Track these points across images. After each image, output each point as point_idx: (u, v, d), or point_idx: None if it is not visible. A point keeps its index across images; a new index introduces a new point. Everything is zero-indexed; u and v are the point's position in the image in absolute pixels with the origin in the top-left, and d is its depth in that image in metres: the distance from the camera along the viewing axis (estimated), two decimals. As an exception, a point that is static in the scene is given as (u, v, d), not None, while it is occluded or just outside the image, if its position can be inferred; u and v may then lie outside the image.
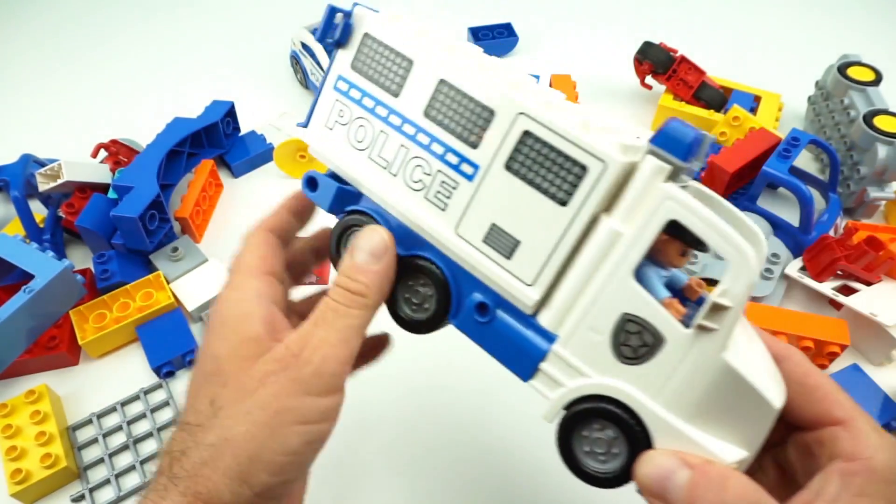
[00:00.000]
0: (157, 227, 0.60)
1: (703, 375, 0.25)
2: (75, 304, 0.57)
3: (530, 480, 0.49)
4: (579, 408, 0.27)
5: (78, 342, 0.55)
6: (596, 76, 0.87)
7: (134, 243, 0.59)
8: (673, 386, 0.25)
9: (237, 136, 0.75)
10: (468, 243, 0.28)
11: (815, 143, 0.63)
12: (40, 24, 1.03)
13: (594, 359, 0.26)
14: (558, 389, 0.27)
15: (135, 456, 0.50)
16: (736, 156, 0.64)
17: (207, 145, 0.70)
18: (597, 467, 0.27)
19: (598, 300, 0.26)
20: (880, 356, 0.55)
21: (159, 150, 0.64)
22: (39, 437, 0.49)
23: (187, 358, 0.55)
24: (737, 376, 0.24)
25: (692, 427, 0.25)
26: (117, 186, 0.60)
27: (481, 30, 0.91)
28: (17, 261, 0.54)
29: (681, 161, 0.24)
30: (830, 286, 0.57)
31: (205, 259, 0.62)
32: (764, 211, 0.63)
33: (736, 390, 0.25)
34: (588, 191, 0.25)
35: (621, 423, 0.26)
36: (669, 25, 0.98)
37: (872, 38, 0.94)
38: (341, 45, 0.31)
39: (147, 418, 0.52)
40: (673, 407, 0.25)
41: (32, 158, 0.66)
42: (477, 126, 0.27)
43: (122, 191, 0.60)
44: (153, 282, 0.59)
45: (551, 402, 0.27)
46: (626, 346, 0.26)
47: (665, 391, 0.25)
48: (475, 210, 0.28)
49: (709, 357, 0.24)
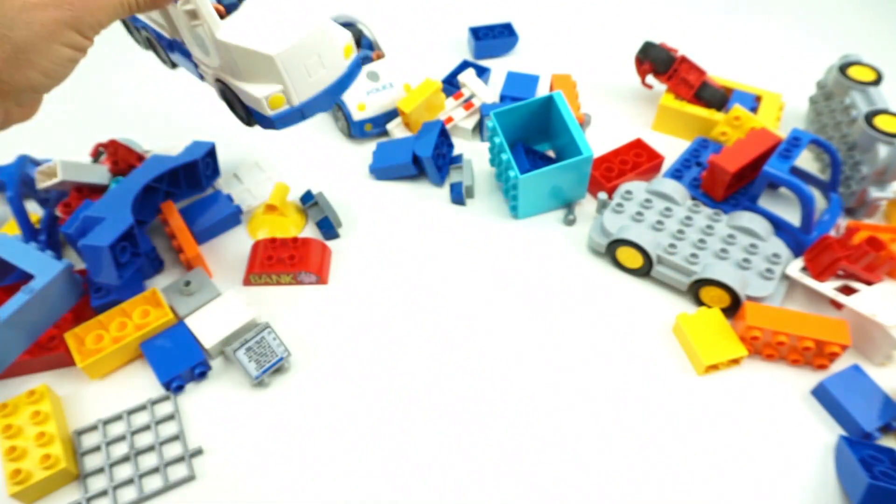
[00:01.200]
0: (128, 260, 0.57)
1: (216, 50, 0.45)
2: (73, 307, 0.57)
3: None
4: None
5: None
6: (596, 76, 0.87)
7: (102, 277, 0.55)
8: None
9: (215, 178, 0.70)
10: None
11: (815, 143, 0.63)
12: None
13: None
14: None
15: (135, 469, 0.50)
16: (737, 156, 0.64)
17: (185, 185, 0.67)
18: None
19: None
20: (881, 356, 0.55)
21: (135, 184, 0.60)
22: (39, 437, 0.49)
23: (197, 371, 0.55)
24: (233, 48, 0.43)
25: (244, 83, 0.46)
26: (87, 218, 0.57)
27: (481, 30, 0.91)
28: (17, 261, 0.54)
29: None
30: (832, 286, 0.57)
31: (218, 293, 0.60)
32: (765, 211, 0.63)
33: (240, 55, 0.44)
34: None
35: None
36: (670, 25, 0.98)
37: (873, 38, 0.94)
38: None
39: (151, 430, 0.52)
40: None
41: (29, 159, 0.66)
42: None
43: (91, 222, 0.56)
44: (149, 298, 0.58)
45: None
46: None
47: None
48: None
49: (210, 39, 0.44)
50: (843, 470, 0.49)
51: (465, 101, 0.79)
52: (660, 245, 0.60)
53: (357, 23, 0.82)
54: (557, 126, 0.70)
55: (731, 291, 0.57)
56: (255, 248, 0.64)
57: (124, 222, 0.56)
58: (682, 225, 0.62)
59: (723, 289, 0.57)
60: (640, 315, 0.60)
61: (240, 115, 0.53)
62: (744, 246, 0.60)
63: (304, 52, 0.46)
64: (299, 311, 0.61)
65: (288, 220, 0.68)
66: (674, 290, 0.62)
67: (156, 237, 0.67)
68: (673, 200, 0.64)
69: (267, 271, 0.62)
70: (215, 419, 0.53)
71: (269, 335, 0.55)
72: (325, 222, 0.67)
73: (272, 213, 0.68)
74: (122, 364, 0.57)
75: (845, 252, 0.56)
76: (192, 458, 0.50)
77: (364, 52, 0.78)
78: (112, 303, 0.58)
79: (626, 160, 0.71)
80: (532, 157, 0.73)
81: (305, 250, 0.63)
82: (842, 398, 0.52)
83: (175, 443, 0.51)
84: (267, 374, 0.54)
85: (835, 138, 0.70)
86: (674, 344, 0.58)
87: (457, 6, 1.02)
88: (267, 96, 0.47)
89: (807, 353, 0.55)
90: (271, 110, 0.48)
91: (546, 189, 0.66)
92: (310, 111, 0.50)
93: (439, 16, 1.00)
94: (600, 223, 0.63)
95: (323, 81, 0.49)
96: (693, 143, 0.73)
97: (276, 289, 0.62)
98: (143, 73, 0.90)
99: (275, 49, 0.44)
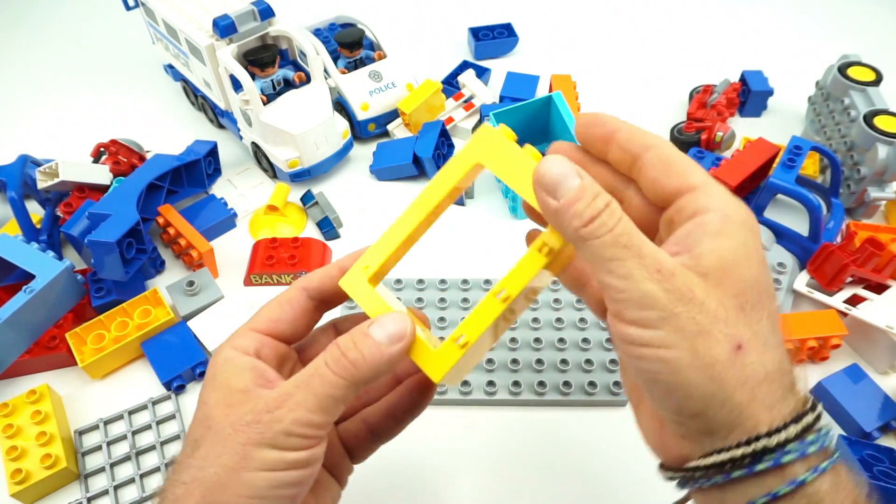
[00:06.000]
0: (134, 256, 0.58)
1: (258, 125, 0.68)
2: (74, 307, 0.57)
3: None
4: None
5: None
6: (596, 76, 0.87)
7: (108, 272, 0.56)
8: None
9: (216, 176, 0.72)
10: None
11: (816, 150, 0.63)
12: (41, 24, 1.02)
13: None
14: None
15: (135, 468, 0.50)
16: (737, 168, 0.63)
17: (188, 184, 0.68)
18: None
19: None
20: (884, 365, 0.55)
21: (139, 182, 0.61)
22: (40, 437, 0.49)
23: (197, 370, 0.55)
24: (269, 126, 0.67)
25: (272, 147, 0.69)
26: (93, 214, 0.57)
27: (481, 30, 0.91)
28: (17, 261, 0.54)
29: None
30: (841, 298, 0.57)
31: (221, 295, 0.60)
32: (769, 221, 0.63)
33: (273, 130, 0.67)
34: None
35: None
36: (670, 25, 0.98)
37: (872, 38, 0.94)
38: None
39: (152, 429, 0.52)
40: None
41: (30, 159, 0.66)
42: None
43: (98, 219, 0.57)
44: (150, 298, 0.58)
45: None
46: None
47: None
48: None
49: (255, 118, 0.67)
50: (843, 469, 0.49)
51: (466, 101, 0.79)
52: None
53: (358, 23, 0.82)
54: (557, 126, 0.70)
55: None
56: (255, 249, 0.64)
57: (130, 218, 0.56)
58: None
59: None
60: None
61: (264, 168, 0.74)
62: None
63: (314, 134, 0.68)
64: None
65: (288, 220, 0.68)
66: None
67: (155, 238, 0.67)
68: None
69: (267, 271, 0.62)
70: (216, 419, 0.53)
71: None
72: (326, 222, 0.67)
73: (273, 213, 0.68)
74: (123, 364, 0.57)
75: (851, 256, 0.56)
76: (192, 458, 0.50)
77: (365, 52, 0.78)
78: (113, 302, 0.58)
79: (625, 160, 0.71)
80: (532, 158, 0.73)
81: (306, 250, 0.63)
82: (841, 398, 0.52)
83: (176, 442, 0.52)
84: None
85: (834, 139, 0.70)
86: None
87: (457, 6, 1.02)
88: (287, 159, 0.69)
89: (810, 351, 0.55)
90: (288, 168, 0.69)
91: (546, 189, 0.66)
92: (315, 171, 0.71)
93: (439, 16, 1.00)
94: None
95: (326, 153, 0.71)
96: (688, 154, 0.73)
97: (277, 289, 0.63)
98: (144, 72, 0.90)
99: (297, 130, 0.67)
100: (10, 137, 0.82)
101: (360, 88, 0.76)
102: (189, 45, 0.70)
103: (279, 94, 0.70)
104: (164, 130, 0.81)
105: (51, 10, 1.05)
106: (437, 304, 0.60)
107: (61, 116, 0.85)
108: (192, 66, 0.74)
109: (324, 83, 0.71)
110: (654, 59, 0.91)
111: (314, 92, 0.70)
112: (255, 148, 0.72)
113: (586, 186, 0.24)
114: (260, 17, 0.67)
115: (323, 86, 0.70)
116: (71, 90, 0.89)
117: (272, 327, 0.30)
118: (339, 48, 0.77)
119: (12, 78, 0.92)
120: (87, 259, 0.62)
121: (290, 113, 0.68)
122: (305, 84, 0.71)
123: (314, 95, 0.69)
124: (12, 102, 0.87)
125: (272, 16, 0.68)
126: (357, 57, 0.77)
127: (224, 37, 0.66)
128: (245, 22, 0.67)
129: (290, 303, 0.30)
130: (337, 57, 0.78)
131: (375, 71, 0.77)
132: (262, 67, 0.68)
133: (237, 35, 0.67)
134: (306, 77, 0.71)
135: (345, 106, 0.76)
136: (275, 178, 0.73)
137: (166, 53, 0.80)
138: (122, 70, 0.91)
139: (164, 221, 0.63)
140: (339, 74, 0.76)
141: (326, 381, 0.26)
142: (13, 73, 0.93)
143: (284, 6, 0.73)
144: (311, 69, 0.70)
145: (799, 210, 0.66)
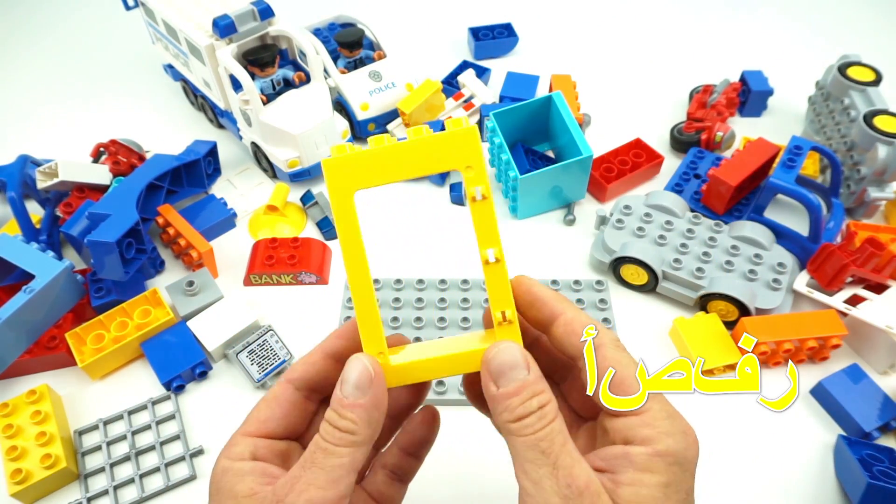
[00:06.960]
0: (133, 256, 0.58)
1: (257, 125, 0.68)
2: (74, 307, 0.57)
3: None
4: None
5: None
6: (596, 76, 0.87)
7: (108, 272, 0.56)
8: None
9: (216, 176, 0.72)
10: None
11: (816, 150, 0.63)
12: (41, 24, 1.02)
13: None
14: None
15: (135, 469, 0.50)
16: (737, 168, 0.63)
17: (187, 184, 0.68)
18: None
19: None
20: (884, 365, 0.55)
21: (139, 182, 0.61)
22: (40, 437, 0.49)
23: (197, 370, 0.55)
24: (269, 126, 0.67)
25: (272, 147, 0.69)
26: (92, 214, 0.57)
27: (481, 30, 0.91)
28: (17, 261, 0.54)
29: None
30: (841, 298, 0.57)
31: (221, 296, 0.59)
32: (770, 221, 0.63)
33: (273, 130, 0.67)
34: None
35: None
36: (669, 26, 0.98)
37: (872, 38, 0.94)
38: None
39: (152, 430, 0.52)
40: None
41: (30, 159, 0.66)
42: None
43: (97, 219, 0.57)
44: (150, 298, 0.58)
45: None
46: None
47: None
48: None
49: (255, 118, 0.66)
50: (843, 469, 0.49)
51: (465, 101, 0.79)
52: (664, 261, 0.59)
53: (357, 23, 0.82)
54: (557, 126, 0.70)
55: (740, 305, 0.56)
56: (255, 248, 0.64)
57: (130, 218, 0.56)
58: (685, 238, 0.61)
59: (731, 302, 0.56)
60: (638, 316, 0.60)
61: (263, 168, 0.74)
62: (748, 257, 0.59)
63: (314, 134, 0.68)
64: (300, 311, 0.61)
65: (288, 220, 0.68)
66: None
67: (155, 238, 0.67)
68: (673, 213, 0.63)
69: (267, 271, 0.62)
70: (216, 419, 0.53)
71: (271, 338, 0.55)
72: (325, 222, 0.67)
73: (272, 213, 0.68)
74: (123, 364, 0.57)
75: (851, 256, 0.56)
76: (192, 458, 0.51)
77: (365, 52, 0.78)
78: (112, 303, 0.58)
79: (625, 160, 0.72)
80: (532, 158, 0.73)
81: (305, 250, 0.63)
82: (840, 398, 0.52)
83: (176, 442, 0.52)
84: (269, 377, 0.54)
85: (834, 139, 0.70)
86: (670, 346, 0.58)
87: (457, 6, 1.02)
88: (287, 159, 0.69)
89: (810, 351, 0.55)
90: (288, 168, 0.69)
91: (546, 189, 0.67)
92: (315, 171, 0.71)
93: (439, 16, 1.00)
94: (601, 240, 0.62)
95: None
96: (688, 154, 0.73)
97: (277, 289, 0.62)
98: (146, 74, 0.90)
99: (297, 130, 0.67)
100: (10, 137, 0.82)
101: (359, 88, 0.76)
102: (189, 44, 0.70)
103: (279, 94, 0.70)
104: (163, 130, 0.81)
105: (51, 10, 1.05)
106: (436, 305, 0.60)
107: (61, 116, 0.85)
108: (192, 65, 0.74)
109: (324, 83, 0.71)
110: (654, 59, 0.91)
111: (314, 92, 0.70)
112: (255, 148, 0.72)
113: (527, 385, 0.25)
114: (260, 16, 0.67)
115: (323, 86, 0.70)
116: (71, 90, 0.89)
117: (263, 428, 0.29)
118: (338, 48, 0.77)
119: (12, 78, 0.92)
120: (86, 259, 0.62)
121: (289, 113, 0.68)
122: (305, 84, 0.71)
123: (314, 95, 0.69)
124: (12, 102, 0.87)
125: (272, 16, 0.68)
126: (357, 57, 0.77)
127: (224, 37, 0.66)
128: (245, 22, 0.67)
129: (277, 399, 0.30)
130: (337, 57, 0.78)
131: (375, 71, 0.77)
132: (262, 67, 0.68)
133: (237, 35, 0.67)
134: (306, 77, 0.71)
135: (345, 106, 0.76)
136: (274, 178, 0.74)
137: (166, 53, 0.80)
138: (122, 70, 0.91)
139: (164, 221, 0.63)
140: (338, 74, 0.76)
141: (330, 453, 0.26)
142: (13, 74, 0.93)
143: (284, 6, 0.73)
144: (310, 69, 0.70)
145: (799, 210, 0.66)
